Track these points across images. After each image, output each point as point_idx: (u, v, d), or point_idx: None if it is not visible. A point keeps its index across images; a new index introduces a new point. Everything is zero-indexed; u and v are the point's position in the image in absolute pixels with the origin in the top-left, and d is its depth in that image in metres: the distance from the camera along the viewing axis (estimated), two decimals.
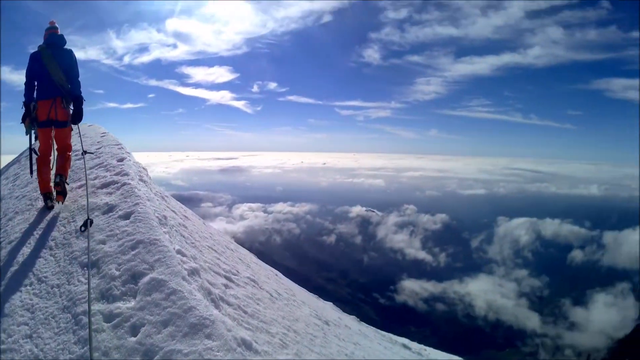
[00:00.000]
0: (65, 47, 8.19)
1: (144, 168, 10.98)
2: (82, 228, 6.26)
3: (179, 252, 5.80)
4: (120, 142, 12.94)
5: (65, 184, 7.93)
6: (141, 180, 9.06)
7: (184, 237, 7.55)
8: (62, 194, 7.82)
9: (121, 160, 10.24)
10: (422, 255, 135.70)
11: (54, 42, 8.01)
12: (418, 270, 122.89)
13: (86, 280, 4.98)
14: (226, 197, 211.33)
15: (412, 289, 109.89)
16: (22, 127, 8.29)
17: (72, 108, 8.22)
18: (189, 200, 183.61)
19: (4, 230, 7.18)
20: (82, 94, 8.23)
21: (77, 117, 8.28)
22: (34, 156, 8.18)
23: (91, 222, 6.40)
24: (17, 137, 8.37)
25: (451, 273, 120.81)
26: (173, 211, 9.32)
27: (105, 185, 8.36)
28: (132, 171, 9.24)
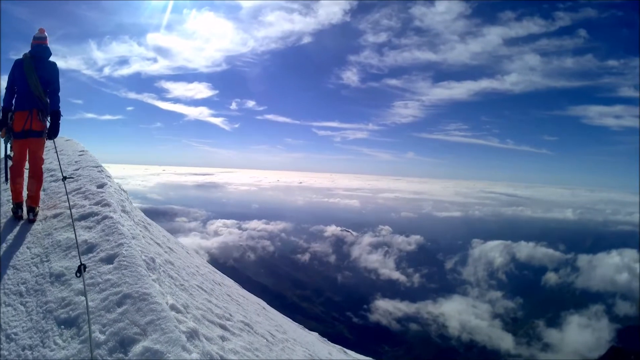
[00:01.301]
0: (50, 59, 7.98)
1: (124, 191, 10.49)
2: (78, 274, 5.38)
3: (173, 307, 5.11)
4: (100, 164, 11.88)
5: (36, 214, 7.76)
6: (123, 211, 8.18)
7: (172, 278, 6.94)
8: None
9: (101, 186, 9.29)
10: (396, 275, 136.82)
11: (38, 54, 7.76)
12: (392, 290, 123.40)
13: (65, 344, 4.22)
14: (201, 212, 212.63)
15: (386, 308, 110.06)
16: None
17: (49, 122, 7.97)
18: (164, 214, 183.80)
19: None
20: (60, 109, 7.98)
21: (54, 132, 8.00)
22: (9, 164, 7.95)
23: (85, 267, 5.50)
24: None
25: (425, 294, 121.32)
26: (158, 244, 8.71)
27: (84, 217, 7.41)
28: (114, 200, 8.31)
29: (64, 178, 8.67)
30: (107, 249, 5.97)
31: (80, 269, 5.38)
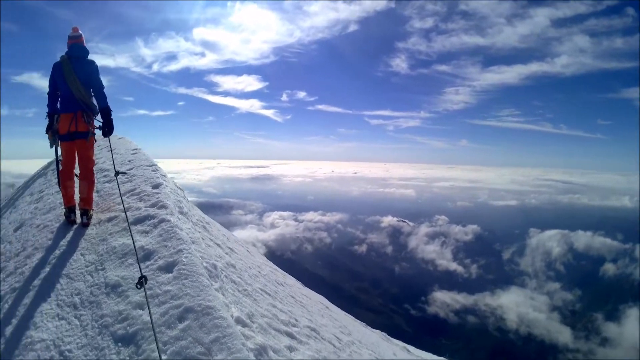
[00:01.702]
0: (89, 57, 7.76)
1: (180, 189, 9.96)
2: (138, 286, 5.03)
3: (238, 320, 4.92)
4: (154, 163, 11.30)
5: (90, 218, 7.59)
6: (181, 212, 7.75)
7: (235, 283, 6.70)
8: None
9: (157, 186, 8.80)
10: (454, 266, 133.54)
11: (75, 54, 7.56)
12: (449, 281, 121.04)
13: None
14: (257, 205, 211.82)
15: (444, 300, 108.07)
16: (47, 136, 7.97)
17: (101, 121, 7.82)
18: (219, 208, 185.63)
19: (19, 271, 6.16)
20: (108, 105, 7.75)
21: (108, 129, 7.82)
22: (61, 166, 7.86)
23: (146, 279, 5.12)
24: (45, 142, 7.54)
25: (483, 285, 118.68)
26: (218, 245, 8.38)
27: (139, 221, 7.01)
28: (171, 202, 7.85)
29: (117, 173, 8.66)
30: (166, 256, 5.59)
31: (141, 281, 5.01)
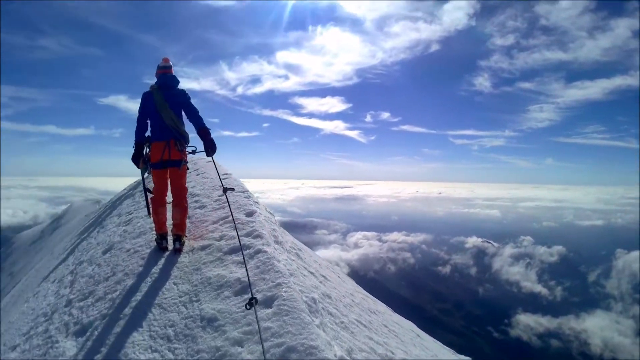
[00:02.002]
0: (179, 86, 7.78)
1: (271, 213, 9.78)
2: (247, 307, 4.97)
3: None
4: (247, 189, 10.83)
5: (183, 244, 7.51)
6: (276, 242, 7.47)
7: (332, 315, 6.30)
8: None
9: (250, 214, 8.44)
10: (538, 288, 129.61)
11: (166, 84, 7.59)
12: (533, 304, 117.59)
13: None
14: (341, 225, 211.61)
15: (527, 323, 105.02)
16: (134, 163, 7.86)
17: (193, 147, 7.82)
18: (304, 227, 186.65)
19: (109, 297, 6.14)
20: (206, 125, 7.55)
21: (211, 148, 7.48)
22: (149, 196, 7.93)
23: (256, 300, 5.01)
24: (130, 161, 7.53)
25: (567, 308, 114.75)
26: (312, 273, 8.11)
27: (234, 251, 6.72)
28: (266, 231, 7.47)
29: (226, 189, 7.94)
30: (264, 290, 5.35)
31: (252, 302, 4.87)
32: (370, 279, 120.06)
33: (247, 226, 7.68)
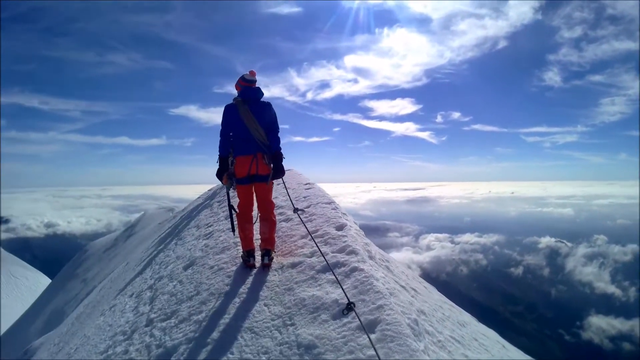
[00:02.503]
0: (262, 99, 7.46)
1: (359, 229, 8.85)
2: (345, 311, 4.78)
3: None
4: (332, 199, 10.10)
5: (272, 259, 7.09)
6: (370, 257, 6.83)
7: (429, 334, 5.66)
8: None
9: (341, 227, 7.70)
10: (612, 289, 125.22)
11: (251, 97, 7.28)
12: (606, 305, 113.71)
13: None
14: (413, 227, 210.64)
15: (599, 325, 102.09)
16: (211, 162, 7.90)
17: (272, 165, 7.33)
18: (376, 230, 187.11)
19: (195, 319, 5.71)
20: (281, 150, 7.38)
21: (278, 173, 7.32)
22: (234, 212, 7.60)
23: (353, 305, 4.79)
24: (203, 169, 7.11)
25: None
26: (403, 287, 7.49)
27: (328, 269, 6.02)
28: (359, 246, 6.73)
29: (296, 210, 8.07)
30: (365, 313, 4.71)
31: (350, 306, 4.73)
32: (442, 281, 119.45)
33: (338, 241, 7.03)
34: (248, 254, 7.18)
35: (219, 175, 7.26)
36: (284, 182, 9.31)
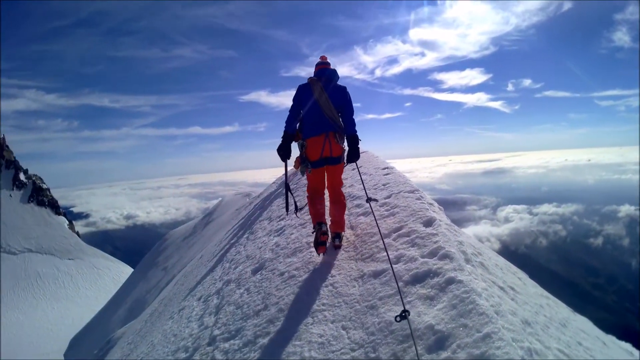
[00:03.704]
0: (338, 82, 7.18)
1: (450, 223, 7.42)
2: (398, 319, 4.06)
3: None
4: (416, 187, 8.52)
5: (342, 239, 6.87)
6: (467, 260, 5.19)
7: (538, 353, 4.31)
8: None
9: (429, 223, 6.22)
10: None
11: (326, 77, 7.02)
12: None
13: None
14: (490, 199, 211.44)
15: None
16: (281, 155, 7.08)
17: (347, 147, 7.06)
18: (453, 204, 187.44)
19: (260, 343, 4.86)
20: (357, 133, 6.94)
21: (354, 156, 6.91)
22: (293, 195, 7.79)
23: (408, 313, 4.01)
24: (275, 153, 6.49)
25: None
26: (502, 288, 5.68)
27: (418, 280, 4.75)
28: (454, 247, 5.26)
29: (369, 199, 7.00)
30: (468, 345, 3.50)
31: (404, 314, 3.99)
32: (521, 254, 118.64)
33: (428, 241, 5.60)
34: (320, 224, 6.63)
35: (281, 151, 6.86)
36: (358, 169, 8.36)
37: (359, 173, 8.06)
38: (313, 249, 6.77)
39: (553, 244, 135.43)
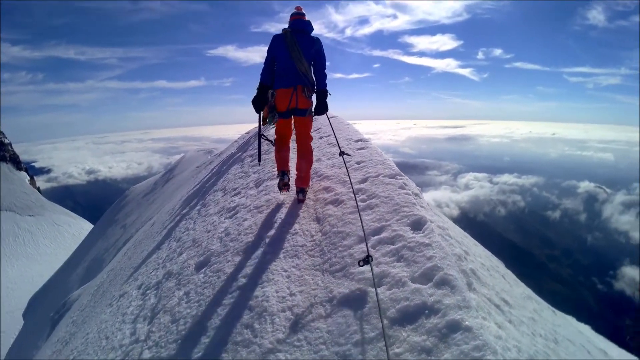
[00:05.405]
0: (312, 34, 7.04)
1: (442, 225, 5.73)
2: (361, 263, 4.03)
3: None
4: (397, 169, 6.77)
5: (305, 194, 6.92)
6: (469, 285, 4.00)
7: None
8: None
9: (419, 225, 4.70)
10: None
11: (300, 28, 6.87)
12: None
13: None
14: (452, 165, 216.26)
15: (632, 277, 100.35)
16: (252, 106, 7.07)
17: (315, 100, 7.08)
18: (414, 168, 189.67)
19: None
20: (327, 88, 6.95)
21: (322, 109, 6.95)
22: (265, 142, 8.00)
23: (371, 258, 4.04)
24: (243, 109, 5.68)
25: None
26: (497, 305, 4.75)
27: (408, 317, 3.36)
28: (453, 265, 3.88)
29: (342, 153, 7.13)
30: None
31: (367, 259, 3.98)
32: (479, 221, 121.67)
33: (418, 255, 4.11)
34: (282, 173, 6.95)
35: (255, 102, 6.85)
36: (329, 119, 8.51)
37: (330, 124, 8.28)
38: (268, 248, 5.53)
39: (511, 213, 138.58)
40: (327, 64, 6.91)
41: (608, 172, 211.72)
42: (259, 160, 7.62)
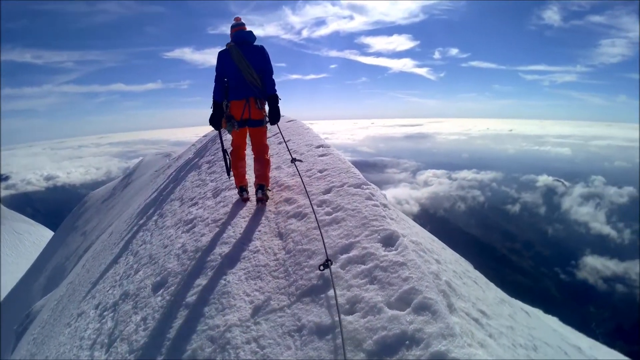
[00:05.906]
0: (255, 43, 7.21)
1: (416, 240, 5.38)
2: (322, 267, 4.08)
3: None
4: (364, 178, 6.45)
5: (265, 192, 6.98)
6: (450, 307, 3.68)
7: None
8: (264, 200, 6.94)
9: (390, 240, 4.41)
10: (607, 230, 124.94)
11: (243, 40, 7.05)
12: (601, 246, 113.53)
13: None
14: (411, 163, 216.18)
15: (594, 266, 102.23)
16: (206, 107, 7.34)
17: (268, 108, 7.11)
18: (373, 166, 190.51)
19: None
20: (277, 93, 7.03)
21: (275, 117, 6.99)
22: (228, 155, 7.57)
23: (331, 262, 4.10)
24: (200, 111, 5.52)
25: (635, 252, 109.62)
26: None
27: (387, 349, 3.00)
28: (433, 291, 3.44)
29: (294, 160, 7.51)
30: None
31: (327, 264, 4.05)
32: (440, 217, 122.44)
33: (393, 276, 3.76)
34: (241, 189, 7.30)
35: (213, 120, 6.90)
36: (281, 134, 8.83)
37: (281, 133, 8.71)
38: (228, 268, 5.03)
39: (471, 208, 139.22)
40: (282, 64, 6.84)
41: (566, 166, 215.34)
42: (228, 174, 7.47)
